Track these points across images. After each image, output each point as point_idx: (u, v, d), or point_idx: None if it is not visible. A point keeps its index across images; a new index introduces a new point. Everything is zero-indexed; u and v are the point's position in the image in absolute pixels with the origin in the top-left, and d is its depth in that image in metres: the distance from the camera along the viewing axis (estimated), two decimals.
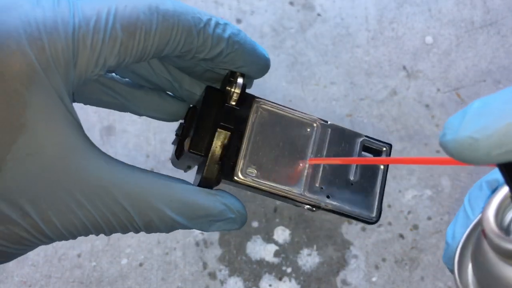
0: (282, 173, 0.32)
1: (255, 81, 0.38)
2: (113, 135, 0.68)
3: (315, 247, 0.65)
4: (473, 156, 0.17)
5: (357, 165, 0.33)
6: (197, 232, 0.65)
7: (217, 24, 0.29)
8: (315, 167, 0.32)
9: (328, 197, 0.33)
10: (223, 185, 0.31)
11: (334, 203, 0.32)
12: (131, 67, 0.32)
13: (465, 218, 0.29)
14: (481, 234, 0.24)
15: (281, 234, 0.66)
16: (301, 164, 0.32)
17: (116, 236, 0.65)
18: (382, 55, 0.74)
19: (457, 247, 0.27)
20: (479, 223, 0.25)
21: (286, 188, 0.32)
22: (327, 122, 0.34)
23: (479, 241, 0.24)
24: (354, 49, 0.74)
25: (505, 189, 0.24)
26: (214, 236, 0.65)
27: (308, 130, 0.33)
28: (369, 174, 0.33)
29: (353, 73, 0.73)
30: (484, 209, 0.23)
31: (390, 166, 0.69)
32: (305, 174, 0.32)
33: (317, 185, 0.32)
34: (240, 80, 0.31)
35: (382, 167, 0.34)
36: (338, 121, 0.73)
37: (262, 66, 0.33)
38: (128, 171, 0.26)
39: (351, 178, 0.33)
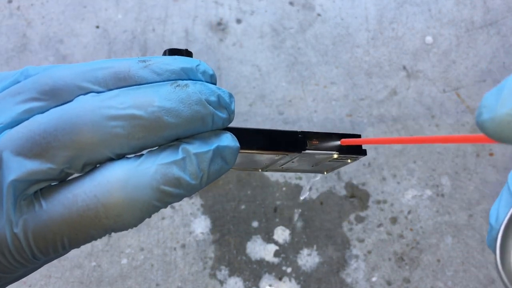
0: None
1: (255, 84, 0.38)
2: None
3: (315, 247, 0.65)
4: None
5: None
6: (197, 232, 0.65)
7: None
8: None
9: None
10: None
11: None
12: None
13: (509, 197, 0.27)
14: None
15: (281, 234, 0.66)
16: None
17: (116, 236, 0.65)
18: (382, 55, 0.74)
19: (499, 228, 0.25)
20: None
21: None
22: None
23: None
24: (354, 49, 0.74)
25: None
26: (214, 236, 0.65)
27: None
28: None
29: (353, 73, 0.73)
30: None
31: (390, 166, 0.69)
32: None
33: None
34: None
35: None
36: (338, 121, 0.73)
37: None
38: None
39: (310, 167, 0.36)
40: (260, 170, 0.36)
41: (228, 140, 0.25)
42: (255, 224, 0.66)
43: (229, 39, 0.75)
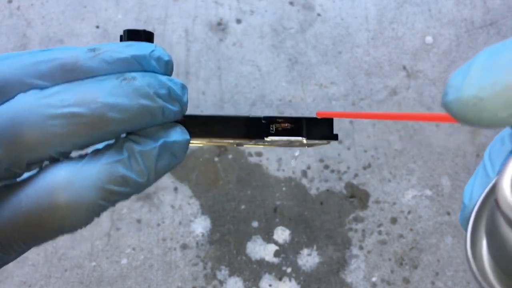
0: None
1: (255, 84, 0.38)
2: None
3: (315, 247, 0.65)
4: (479, 117, 0.15)
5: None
6: (197, 232, 0.65)
7: None
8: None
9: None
10: None
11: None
12: None
13: (484, 176, 0.26)
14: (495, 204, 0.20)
15: (281, 234, 0.66)
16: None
17: (116, 236, 0.65)
18: (382, 55, 0.74)
19: (471, 212, 0.23)
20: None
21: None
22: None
23: (494, 212, 0.21)
24: (354, 49, 0.74)
25: None
26: (214, 236, 0.65)
27: None
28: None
29: (353, 73, 0.73)
30: (498, 176, 0.20)
31: (390, 166, 0.69)
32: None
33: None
34: None
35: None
36: (338, 121, 0.73)
37: None
38: None
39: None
40: (235, 145, 0.35)
41: (177, 134, 0.25)
42: (255, 224, 0.66)
43: (229, 39, 0.75)
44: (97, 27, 0.76)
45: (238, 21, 0.75)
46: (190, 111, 0.29)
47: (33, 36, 0.75)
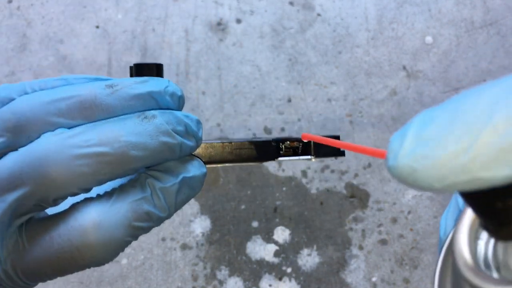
0: None
1: (255, 84, 0.38)
2: None
3: (315, 247, 0.65)
4: (417, 185, 0.15)
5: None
6: (197, 232, 0.65)
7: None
8: None
9: None
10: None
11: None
12: None
13: (455, 208, 0.26)
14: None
15: (281, 234, 0.66)
16: None
17: None
18: (382, 55, 0.74)
19: (439, 254, 0.22)
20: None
21: None
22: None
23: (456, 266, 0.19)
24: (354, 49, 0.74)
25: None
26: (214, 236, 0.65)
27: None
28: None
29: (353, 73, 0.73)
30: (454, 233, 0.19)
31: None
32: None
33: None
34: None
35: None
36: (338, 121, 0.73)
37: None
38: None
39: None
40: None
41: (194, 169, 0.26)
42: (255, 224, 0.66)
43: (229, 39, 0.75)
44: (97, 27, 0.76)
45: (238, 21, 0.75)
46: (189, 111, 0.29)
47: (33, 36, 0.75)
